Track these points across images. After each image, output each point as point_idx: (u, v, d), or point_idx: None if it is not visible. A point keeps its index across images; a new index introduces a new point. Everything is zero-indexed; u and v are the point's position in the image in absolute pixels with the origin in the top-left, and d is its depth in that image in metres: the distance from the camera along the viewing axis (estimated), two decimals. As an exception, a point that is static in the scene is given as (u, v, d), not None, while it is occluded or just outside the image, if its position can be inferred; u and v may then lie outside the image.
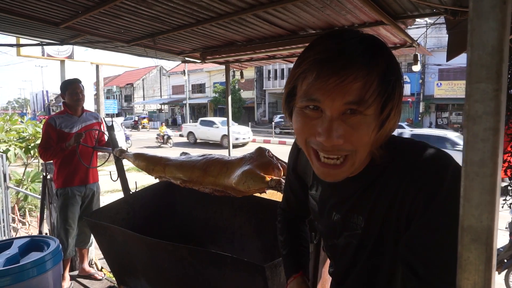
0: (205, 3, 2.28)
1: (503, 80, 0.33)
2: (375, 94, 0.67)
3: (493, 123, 0.33)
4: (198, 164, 2.16)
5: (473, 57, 0.34)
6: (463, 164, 0.35)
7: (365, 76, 0.66)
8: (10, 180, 5.82)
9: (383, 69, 0.68)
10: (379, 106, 0.69)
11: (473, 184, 0.35)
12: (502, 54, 0.32)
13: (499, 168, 0.34)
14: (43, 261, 1.60)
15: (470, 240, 0.35)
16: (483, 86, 0.33)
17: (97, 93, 13.50)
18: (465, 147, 0.35)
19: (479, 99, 0.34)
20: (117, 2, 2.23)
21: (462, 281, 0.37)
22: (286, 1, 2.16)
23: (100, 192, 3.61)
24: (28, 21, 2.71)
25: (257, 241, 2.72)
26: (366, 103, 0.67)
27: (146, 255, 2.24)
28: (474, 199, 0.35)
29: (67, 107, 3.34)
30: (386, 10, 2.22)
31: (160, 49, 3.59)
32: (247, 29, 2.87)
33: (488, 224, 0.34)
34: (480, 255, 0.35)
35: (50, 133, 3.23)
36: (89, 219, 2.51)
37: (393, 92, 0.70)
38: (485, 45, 0.33)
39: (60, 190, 3.31)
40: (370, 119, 0.69)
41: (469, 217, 0.35)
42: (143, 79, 45.77)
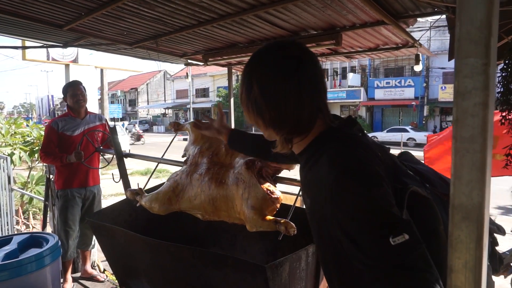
0: (206, 4, 2.29)
1: (492, 53, 0.32)
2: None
3: (482, 97, 0.33)
4: (205, 202, 2.14)
5: (462, 32, 0.33)
6: (453, 141, 0.35)
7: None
8: (15, 183, 5.86)
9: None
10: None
11: (463, 160, 0.34)
12: (490, 28, 0.32)
13: (490, 144, 0.34)
14: (42, 257, 1.60)
15: (461, 218, 0.35)
16: (471, 61, 0.33)
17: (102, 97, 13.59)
18: (455, 124, 0.35)
19: (468, 74, 0.33)
20: (120, 3, 2.25)
21: (453, 260, 0.36)
22: (287, 1, 2.16)
23: (104, 195, 3.61)
24: (32, 23, 2.75)
25: (259, 243, 2.71)
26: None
27: (148, 257, 2.23)
28: (465, 176, 0.34)
29: (70, 109, 3.36)
30: (387, 9, 2.21)
31: (163, 51, 3.61)
32: (249, 30, 2.87)
33: (479, 201, 0.34)
34: (471, 233, 0.35)
35: (51, 136, 3.24)
36: (91, 220, 2.51)
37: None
38: (473, 19, 0.33)
39: (60, 191, 3.32)
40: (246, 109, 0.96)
41: (460, 195, 0.35)
42: (147, 83, 46.01)
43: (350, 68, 26.52)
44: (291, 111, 0.86)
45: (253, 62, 0.91)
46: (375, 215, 0.72)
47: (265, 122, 0.90)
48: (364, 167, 0.78)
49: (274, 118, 0.88)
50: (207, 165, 2.05)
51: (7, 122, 7.56)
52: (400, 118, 25.61)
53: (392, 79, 24.72)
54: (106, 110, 14.09)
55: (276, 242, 2.51)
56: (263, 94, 0.87)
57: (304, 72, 0.86)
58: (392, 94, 24.52)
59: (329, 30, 2.74)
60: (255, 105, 0.89)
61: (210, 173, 2.00)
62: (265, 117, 0.89)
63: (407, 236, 0.69)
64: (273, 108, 0.87)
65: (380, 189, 0.75)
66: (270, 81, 0.86)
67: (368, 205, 0.73)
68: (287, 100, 0.85)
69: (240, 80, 0.96)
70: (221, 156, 2.02)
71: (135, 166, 12.02)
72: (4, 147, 6.59)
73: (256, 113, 0.90)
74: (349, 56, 3.60)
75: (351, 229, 0.75)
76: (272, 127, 0.90)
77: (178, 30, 2.89)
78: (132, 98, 47.59)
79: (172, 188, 2.20)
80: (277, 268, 1.65)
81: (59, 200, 3.33)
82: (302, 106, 0.86)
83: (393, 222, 0.71)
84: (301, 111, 0.86)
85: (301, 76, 0.85)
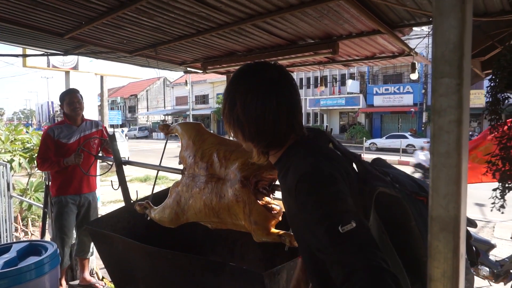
0: (205, 13, 2.32)
1: (465, 74, 0.34)
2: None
3: (456, 115, 0.35)
4: (209, 215, 2.16)
5: (437, 53, 0.35)
6: (431, 156, 0.37)
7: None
8: (14, 190, 5.86)
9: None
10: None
11: (440, 174, 0.36)
12: (463, 50, 0.34)
13: (465, 159, 0.36)
14: (41, 264, 1.61)
15: (439, 229, 0.37)
16: (446, 81, 0.35)
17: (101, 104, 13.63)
18: (432, 139, 0.37)
19: (443, 93, 0.35)
20: (120, 13, 2.28)
21: (432, 270, 0.38)
22: (284, 11, 2.20)
23: (103, 202, 3.61)
24: (33, 32, 2.78)
25: (258, 250, 2.71)
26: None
27: (146, 264, 2.24)
28: (441, 189, 0.36)
29: (66, 117, 3.37)
30: (382, 19, 2.25)
31: (162, 59, 3.65)
32: (247, 39, 2.91)
33: (455, 213, 0.36)
34: (448, 244, 0.36)
35: (48, 143, 3.24)
36: (90, 227, 2.52)
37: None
38: (447, 42, 0.35)
39: (55, 198, 3.31)
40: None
41: (437, 207, 0.37)
42: (147, 90, 46.14)
43: (349, 75, 26.65)
44: (268, 127, 0.97)
45: (236, 81, 1.03)
46: (326, 209, 0.84)
47: (245, 136, 1.01)
48: (318, 171, 0.89)
49: (253, 133, 0.99)
50: (205, 178, 2.06)
51: (7, 129, 7.58)
52: (399, 125, 25.67)
53: (391, 85, 24.83)
54: (106, 117, 14.13)
55: (274, 249, 2.52)
56: (244, 111, 0.98)
57: (281, 93, 0.98)
58: (391, 100, 24.62)
59: (326, 39, 2.78)
60: (237, 120, 1.00)
61: (209, 187, 2.02)
62: (245, 131, 1.00)
63: (354, 224, 0.79)
64: (253, 123, 0.98)
65: (331, 187, 0.86)
66: (252, 100, 0.97)
67: (320, 201, 0.85)
68: (265, 117, 0.96)
69: (224, 95, 1.05)
70: (216, 168, 2.03)
71: (135, 173, 12.03)
72: (4, 153, 6.60)
73: (237, 127, 1.01)
74: (347, 64, 3.63)
75: (310, 224, 0.86)
76: (250, 140, 1.02)
77: (177, 38, 2.92)
78: (132, 105, 47.70)
79: (176, 202, 2.22)
80: (274, 276, 1.66)
81: (54, 207, 3.33)
82: (278, 123, 0.97)
83: (342, 213, 0.82)
84: (278, 127, 0.97)
85: (279, 97, 0.97)
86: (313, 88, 28.23)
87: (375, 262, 0.75)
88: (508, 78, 1.68)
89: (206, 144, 2.17)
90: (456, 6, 0.34)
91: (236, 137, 1.06)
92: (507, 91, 1.72)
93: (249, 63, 1.05)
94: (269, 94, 0.97)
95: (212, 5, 2.19)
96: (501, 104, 1.73)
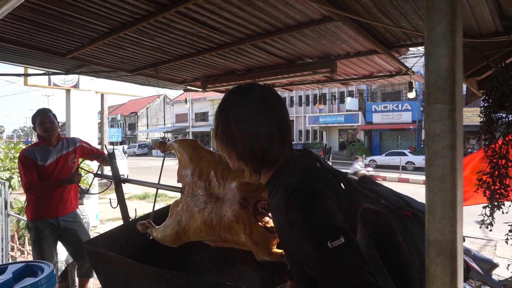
0: (205, 34, 2.37)
1: (457, 100, 0.35)
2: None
3: (450, 140, 0.36)
4: (210, 235, 2.15)
5: (430, 80, 0.37)
6: (426, 180, 0.37)
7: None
8: (12, 208, 5.81)
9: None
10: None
11: (435, 198, 0.37)
12: (454, 77, 0.35)
13: (460, 183, 0.36)
14: (37, 286, 1.59)
15: (436, 253, 0.37)
16: (439, 107, 0.36)
17: (102, 121, 13.69)
18: (426, 164, 0.37)
19: (436, 118, 0.36)
20: (121, 33, 2.32)
21: (430, 294, 0.38)
22: (283, 32, 2.24)
23: (101, 220, 3.54)
24: (36, 52, 2.82)
25: (257, 269, 2.68)
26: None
27: (144, 283, 2.20)
28: (437, 213, 0.37)
29: (40, 138, 3.22)
30: (379, 39, 2.29)
31: (163, 78, 3.69)
32: (246, 59, 2.95)
33: (451, 237, 0.36)
34: (445, 268, 0.36)
35: (31, 167, 3.08)
36: (87, 246, 2.49)
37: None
38: (439, 69, 0.36)
39: (31, 223, 3.14)
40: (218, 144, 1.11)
41: (434, 231, 0.37)
42: (147, 107, 46.42)
43: (348, 92, 26.88)
44: (261, 145, 0.99)
45: (229, 100, 1.05)
46: (315, 224, 0.85)
47: (238, 155, 1.03)
48: (307, 188, 0.91)
49: (247, 151, 1.01)
50: (204, 197, 2.05)
51: (6, 147, 7.58)
52: (398, 142, 25.72)
53: (390, 103, 25.00)
54: (106, 134, 14.16)
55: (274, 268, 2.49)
56: (238, 127, 1.00)
57: (274, 114, 1.02)
58: (389, 118, 24.75)
59: (324, 59, 2.82)
60: (230, 138, 1.02)
61: (209, 207, 2.01)
62: (238, 150, 1.02)
63: (343, 239, 0.80)
64: (246, 140, 1.00)
65: (320, 204, 0.88)
66: (245, 117, 1.00)
67: (309, 217, 0.87)
68: (259, 134, 0.99)
69: (216, 115, 1.07)
70: (214, 187, 2.03)
71: (133, 190, 11.96)
72: (3, 171, 6.58)
73: (230, 145, 1.03)
74: (345, 83, 3.68)
75: (300, 240, 0.86)
76: (243, 159, 1.03)
77: (178, 58, 2.96)
78: (132, 122, 47.89)
79: (177, 221, 2.21)
80: (273, 297, 1.64)
81: (31, 232, 3.15)
82: (271, 142, 1.00)
83: (331, 229, 0.83)
84: (270, 146, 1.00)
85: (271, 115, 1.01)
86: (312, 106, 28.43)
87: (364, 276, 0.76)
88: (500, 99, 1.71)
89: (203, 162, 2.18)
90: (446, 36, 0.35)
91: (228, 157, 1.07)
92: (500, 111, 1.75)
93: (240, 85, 1.09)
94: (262, 112, 1.00)
95: (212, 26, 2.23)
96: (495, 124, 1.76)
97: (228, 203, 1.88)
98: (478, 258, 4.34)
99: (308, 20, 2.10)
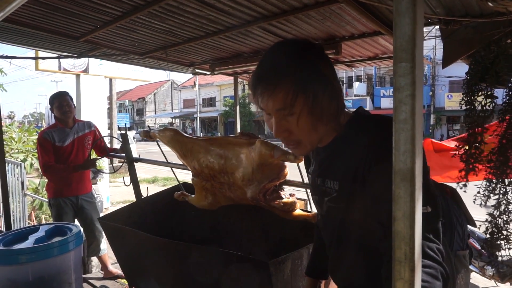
0: (213, 16, 2.45)
1: (417, 60, 0.46)
2: (295, 97, 0.88)
3: (411, 91, 0.46)
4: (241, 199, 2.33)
5: (397, 44, 0.47)
6: (393, 123, 0.48)
7: (283, 89, 0.88)
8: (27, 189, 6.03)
9: (298, 79, 0.88)
10: (305, 103, 0.89)
11: (400, 137, 0.47)
12: (415, 41, 0.45)
13: (419, 124, 0.47)
14: (67, 242, 1.79)
15: (400, 180, 0.48)
16: (403, 65, 0.46)
17: (111, 106, 13.86)
18: (394, 110, 0.48)
19: (401, 74, 0.46)
20: (133, 16, 2.42)
21: (395, 212, 0.49)
22: (289, 14, 2.31)
23: (112, 202, 3.72)
24: (51, 36, 2.93)
25: (263, 244, 2.80)
26: (288, 105, 0.89)
27: (157, 256, 2.34)
28: (401, 148, 0.47)
29: (57, 120, 3.42)
30: (382, 20, 2.35)
31: (172, 61, 3.78)
32: (253, 41, 3.03)
33: (411, 166, 0.47)
34: (406, 190, 0.47)
35: (48, 148, 3.27)
36: (104, 222, 2.64)
37: (318, 90, 0.90)
38: (404, 35, 0.46)
39: (53, 200, 3.38)
40: (302, 115, 0.90)
41: (399, 162, 0.48)
42: (155, 93, 46.61)
43: (356, 77, 26.67)
44: (340, 102, 0.97)
45: (303, 66, 0.90)
46: None
47: (328, 115, 0.93)
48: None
49: (334, 109, 0.94)
50: (217, 185, 2.30)
51: (20, 130, 7.79)
52: (406, 127, 25.56)
53: (398, 88, 24.76)
54: (115, 119, 14.36)
55: (280, 244, 2.62)
56: (329, 89, 0.92)
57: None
58: (398, 103, 24.55)
59: (329, 40, 2.88)
60: (321, 103, 0.90)
61: (226, 188, 2.24)
62: (329, 110, 0.92)
63: (430, 209, 0.79)
64: (334, 99, 0.93)
65: None
66: (329, 78, 0.92)
67: None
68: (339, 92, 0.96)
69: (288, 88, 0.89)
70: (221, 178, 2.28)
71: (143, 174, 12.21)
72: (17, 153, 6.79)
73: (320, 109, 0.91)
74: (350, 65, 3.74)
75: (383, 190, 0.76)
76: (332, 118, 0.95)
77: (187, 41, 3.05)
78: (140, 108, 48.20)
79: (204, 196, 2.49)
80: (279, 265, 1.75)
81: (52, 208, 3.40)
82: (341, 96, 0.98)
83: (425, 194, 0.81)
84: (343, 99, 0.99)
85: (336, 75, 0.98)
86: (320, 91, 28.21)
87: (433, 252, 0.76)
88: (481, 72, 1.84)
89: (195, 153, 2.35)
90: (409, 8, 0.45)
91: (314, 126, 0.92)
92: (480, 83, 1.87)
93: (309, 42, 0.98)
94: (334, 71, 0.96)
95: (220, 9, 2.31)
96: (476, 95, 1.88)
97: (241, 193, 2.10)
98: (482, 239, 4.44)
99: (313, 1, 2.17)
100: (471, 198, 2.02)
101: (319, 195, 1.07)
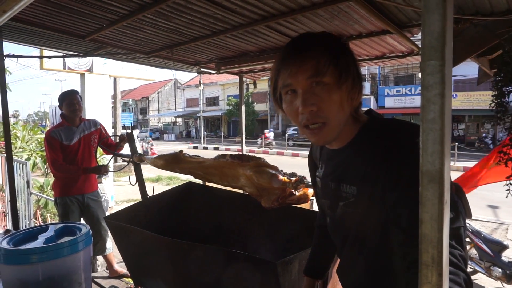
0: (220, 15, 2.43)
1: (447, 57, 0.44)
2: (327, 65, 0.87)
3: (440, 89, 0.44)
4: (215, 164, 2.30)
5: (425, 41, 0.45)
6: (421, 122, 0.46)
7: (316, 55, 0.87)
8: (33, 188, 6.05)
9: (331, 49, 0.89)
10: (335, 74, 0.87)
11: (428, 137, 0.46)
12: (445, 39, 0.44)
13: (448, 124, 0.45)
14: (76, 242, 1.79)
15: (427, 181, 0.46)
16: (432, 63, 0.45)
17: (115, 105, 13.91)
18: (422, 110, 0.46)
19: (430, 72, 0.45)
20: (139, 15, 2.41)
21: (422, 215, 0.47)
22: (296, 13, 2.29)
23: (116, 201, 3.72)
24: (57, 34, 2.92)
25: (269, 244, 2.79)
26: (321, 72, 0.86)
27: (162, 255, 2.34)
28: (429, 149, 0.46)
29: (65, 118, 3.42)
30: (391, 19, 2.33)
31: (177, 60, 3.77)
32: (260, 40, 3.01)
33: (440, 167, 0.45)
34: (434, 192, 0.46)
35: (57, 147, 3.29)
36: (110, 221, 2.64)
37: (347, 66, 0.89)
38: (433, 32, 0.44)
39: (59, 199, 3.40)
40: (332, 87, 0.88)
41: (426, 163, 0.46)
42: (158, 92, 46.68)
43: (360, 76, 26.56)
44: (361, 95, 0.96)
45: (337, 44, 0.92)
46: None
47: (353, 100, 0.93)
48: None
49: (357, 95, 0.94)
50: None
51: (24, 127, 7.82)
52: (410, 126, 25.45)
53: (402, 87, 24.65)
54: (119, 118, 14.40)
55: (285, 243, 2.60)
56: (356, 73, 0.92)
57: None
58: (402, 102, 24.44)
59: (337, 40, 2.86)
60: (350, 81, 0.90)
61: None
62: (354, 94, 0.92)
63: (452, 214, 0.77)
64: (358, 85, 0.93)
65: None
66: (356, 64, 0.94)
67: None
68: (362, 83, 0.96)
69: (329, 61, 0.88)
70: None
71: (147, 173, 12.22)
72: (22, 152, 6.82)
73: (348, 88, 0.91)
74: (357, 64, 3.71)
75: (411, 199, 0.74)
76: (353, 108, 0.95)
77: (193, 40, 3.04)
78: (143, 107, 48.29)
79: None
80: (287, 265, 1.74)
81: (59, 207, 3.41)
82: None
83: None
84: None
85: None
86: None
87: (456, 259, 0.75)
88: (511, 73, 1.78)
89: (196, 176, 2.49)
90: (439, 4, 0.44)
91: (342, 106, 0.91)
92: (511, 84, 1.83)
93: (326, 32, 0.97)
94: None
95: (227, 7, 2.30)
96: (507, 97, 1.83)
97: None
98: (488, 240, 4.41)
99: (322, 0, 2.15)
100: (471, 197, 2.00)
101: (332, 199, 1.05)
